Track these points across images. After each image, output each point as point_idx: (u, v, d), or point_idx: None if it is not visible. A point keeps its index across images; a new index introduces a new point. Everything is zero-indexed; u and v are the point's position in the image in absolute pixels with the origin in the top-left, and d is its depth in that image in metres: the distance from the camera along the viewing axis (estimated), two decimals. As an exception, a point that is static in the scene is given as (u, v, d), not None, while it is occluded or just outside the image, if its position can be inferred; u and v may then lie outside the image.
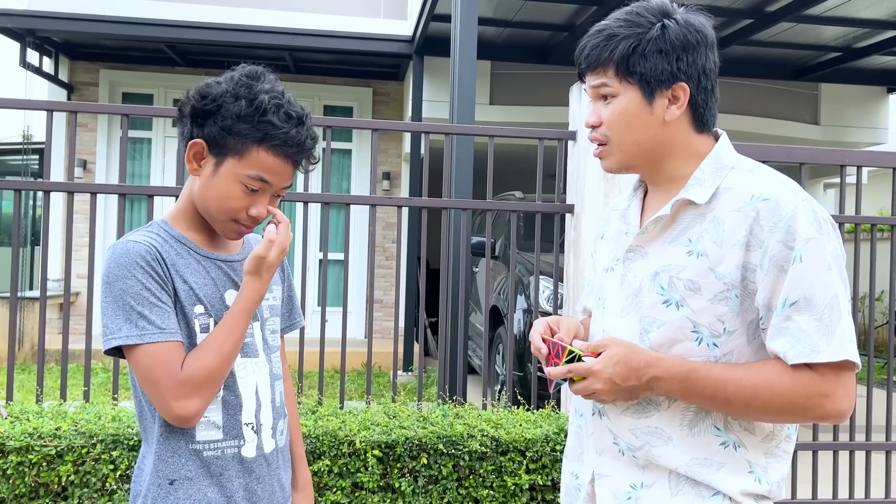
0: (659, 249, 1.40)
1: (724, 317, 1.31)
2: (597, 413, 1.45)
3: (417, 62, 8.00)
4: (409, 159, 8.52)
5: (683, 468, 1.35)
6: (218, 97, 1.42)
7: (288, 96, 1.46)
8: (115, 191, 3.32)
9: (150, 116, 8.74)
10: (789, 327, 1.26)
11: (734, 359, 1.32)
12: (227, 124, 1.40)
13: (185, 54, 9.02)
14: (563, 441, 3.03)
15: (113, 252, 1.41)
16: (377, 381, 7.61)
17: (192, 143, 1.44)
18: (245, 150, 1.41)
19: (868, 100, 9.02)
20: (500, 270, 6.33)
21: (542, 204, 3.67)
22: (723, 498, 1.34)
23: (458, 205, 3.65)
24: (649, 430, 1.38)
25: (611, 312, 1.46)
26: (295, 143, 1.43)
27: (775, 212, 1.27)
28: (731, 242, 1.30)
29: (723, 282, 1.30)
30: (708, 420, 1.35)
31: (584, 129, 3.58)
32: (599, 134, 1.42)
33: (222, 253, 1.55)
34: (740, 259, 1.29)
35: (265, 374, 1.55)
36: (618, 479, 1.41)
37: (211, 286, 1.48)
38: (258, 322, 1.56)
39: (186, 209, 1.52)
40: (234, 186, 1.43)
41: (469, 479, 2.98)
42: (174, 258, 1.45)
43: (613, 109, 1.39)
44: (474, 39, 4.80)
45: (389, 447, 2.94)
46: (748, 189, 1.33)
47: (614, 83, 1.38)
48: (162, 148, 9.19)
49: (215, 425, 1.47)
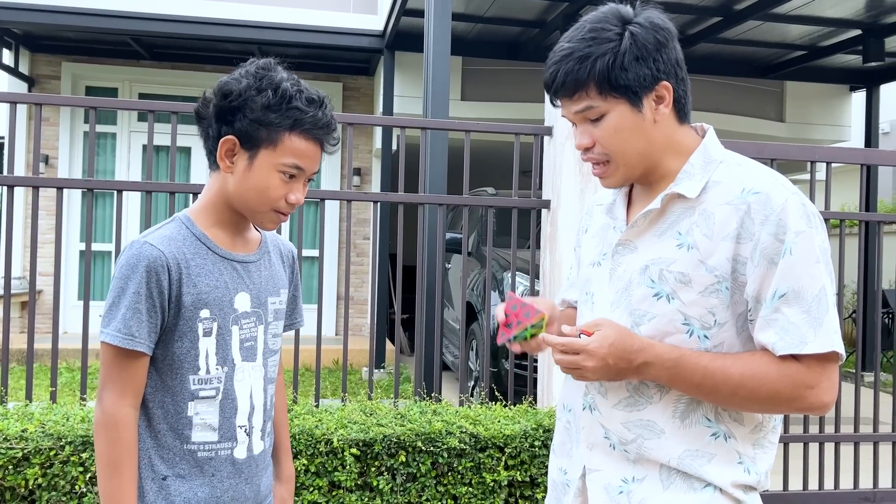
0: (648, 243, 1.39)
1: (715, 309, 1.32)
2: (587, 408, 1.44)
3: (388, 57, 7.95)
4: (380, 155, 8.46)
5: (676, 461, 1.35)
6: (243, 92, 1.44)
7: (303, 82, 1.49)
8: (84, 185, 3.24)
9: (119, 109, 8.56)
10: (778, 319, 1.27)
11: (724, 350, 1.33)
12: (257, 116, 1.43)
13: (150, 47, 8.84)
14: (542, 437, 3.03)
15: (129, 249, 1.45)
16: (349, 379, 7.55)
17: (223, 141, 1.46)
18: (278, 140, 1.44)
19: (831, 98, 9.18)
20: (474, 267, 6.32)
21: (519, 199, 3.66)
22: (713, 490, 1.34)
23: (434, 200, 3.63)
24: (641, 423, 1.37)
25: (600, 306, 1.45)
26: (323, 125, 1.47)
27: (766, 205, 1.28)
28: (721, 235, 1.31)
29: (713, 274, 1.31)
30: (699, 411, 1.35)
31: (561, 123, 3.59)
32: (597, 154, 1.39)
33: (240, 252, 1.56)
34: (731, 252, 1.30)
35: (260, 377, 1.57)
36: (609, 474, 1.41)
37: (222, 289, 1.50)
38: (262, 325, 1.57)
39: (212, 205, 1.54)
40: (273, 176, 1.46)
41: (448, 476, 2.97)
42: (189, 261, 1.47)
43: (607, 127, 1.36)
44: (448, 34, 4.77)
45: (367, 445, 2.91)
46: (738, 182, 1.33)
47: (599, 102, 1.35)
48: (127, 143, 9.00)
49: (211, 427, 1.49)
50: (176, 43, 8.64)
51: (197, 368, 1.47)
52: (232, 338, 1.50)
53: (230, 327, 1.50)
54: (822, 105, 9.16)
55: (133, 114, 8.93)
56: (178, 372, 1.46)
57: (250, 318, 1.54)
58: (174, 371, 1.46)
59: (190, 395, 1.47)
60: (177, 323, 1.45)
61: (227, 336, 1.50)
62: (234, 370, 1.51)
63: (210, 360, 1.48)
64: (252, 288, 1.55)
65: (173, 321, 1.45)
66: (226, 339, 1.49)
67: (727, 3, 6.83)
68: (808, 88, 9.06)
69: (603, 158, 1.39)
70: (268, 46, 8.43)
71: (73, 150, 8.89)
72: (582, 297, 1.53)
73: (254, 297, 1.55)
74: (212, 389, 1.49)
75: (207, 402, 1.48)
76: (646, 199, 1.45)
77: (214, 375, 1.49)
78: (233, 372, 1.51)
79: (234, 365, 1.51)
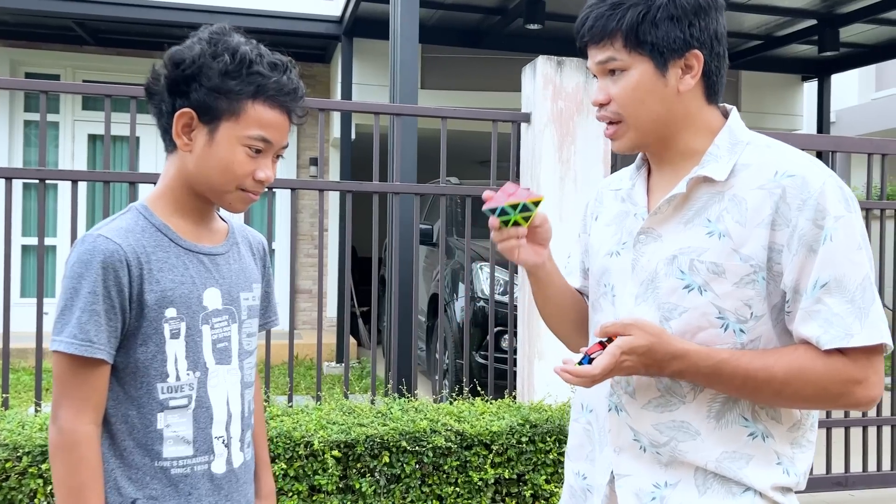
0: (674, 231, 1.30)
1: (752, 301, 1.23)
2: (613, 409, 1.34)
3: (346, 44, 7.75)
4: (338, 144, 8.27)
5: (714, 464, 1.26)
6: (197, 58, 1.30)
7: (262, 46, 1.36)
8: (36, 175, 3.01)
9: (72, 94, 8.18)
10: (820, 311, 1.19)
11: (761, 345, 1.25)
12: (215, 84, 1.30)
13: (95, 32, 8.45)
14: (529, 433, 2.94)
15: (81, 245, 1.30)
16: (309, 375, 7.37)
17: (179, 115, 1.32)
18: (240, 109, 1.31)
19: (784, 87, 9.33)
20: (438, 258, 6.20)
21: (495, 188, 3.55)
22: (753, 494, 1.26)
23: (409, 189, 3.50)
24: (674, 424, 1.28)
25: (623, 299, 1.35)
26: (290, 91, 1.34)
27: (803, 189, 1.20)
28: (755, 222, 1.22)
29: (749, 264, 1.22)
30: (735, 410, 1.27)
31: (539, 110, 3.50)
32: (610, 112, 1.32)
33: (206, 244, 1.41)
34: (766, 239, 1.22)
35: (236, 382, 1.42)
36: (639, 479, 1.31)
37: (188, 285, 1.35)
38: (236, 324, 1.42)
39: (172, 191, 1.39)
40: (237, 151, 1.32)
41: (433, 476, 2.86)
42: (150, 254, 1.32)
43: (625, 84, 1.29)
44: (416, 20, 4.63)
45: (349, 447, 2.78)
46: (770, 165, 1.25)
47: (623, 56, 1.27)
48: (71, 132, 8.60)
49: (185, 440, 1.34)
50: (122, 27, 8.29)
51: (165, 375, 1.32)
52: (203, 339, 1.36)
53: (200, 327, 1.35)
54: (775, 95, 9.30)
55: (77, 102, 8.53)
56: (144, 380, 1.31)
57: (222, 316, 1.39)
58: (139, 379, 1.31)
59: (158, 405, 1.32)
60: (139, 325, 1.30)
61: (198, 337, 1.35)
62: (208, 375, 1.36)
63: (180, 365, 1.33)
64: (222, 283, 1.40)
65: (135, 323, 1.30)
66: (196, 341, 1.35)
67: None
68: (763, 78, 9.18)
69: (615, 118, 1.31)
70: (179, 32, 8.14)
71: (13, 138, 8.45)
72: (599, 290, 1.42)
73: (225, 293, 1.40)
74: (183, 398, 1.34)
75: (179, 413, 1.33)
76: (667, 183, 1.35)
77: (185, 382, 1.34)
78: (206, 377, 1.36)
79: (207, 369, 1.36)
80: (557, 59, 3.48)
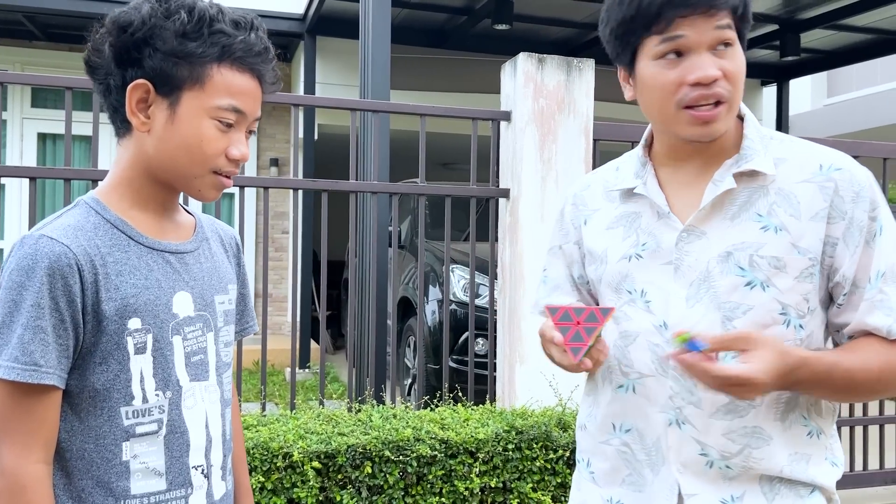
0: (720, 227, 1.23)
1: (809, 295, 1.21)
2: (674, 424, 1.23)
3: (309, 42, 7.60)
4: (301, 144, 8.10)
5: (788, 469, 1.21)
6: (147, 19, 1.11)
7: (222, 4, 1.18)
8: None
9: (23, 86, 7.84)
10: (884, 300, 1.19)
11: (814, 339, 1.23)
12: (172, 48, 1.11)
13: (45, 27, 8.12)
14: (515, 440, 2.85)
15: (20, 249, 1.09)
16: (271, 381, 7.18)
17: (132, 88, 1.12)
18: (204, 75, 1.13)
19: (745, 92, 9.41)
20: (408, 260, 6.09)
21: (478, 188, 3.46)
22: (819, 493, 1.24)
23: (388, 189, 3.39)
24: (747, 430, 1.21)
25: (668, 304, 1.24)
26: (259, 52, 1.16)
27: (854, 182, 1.20)
28: (809, 215, 1.20)
29: (808, 257, 1.20)
30: (797, 410, 1.23)
31: (520, 108, 3.42)
32: (720, 89, 1.17)
33: (171, 241, 1.21)
34: (822, 232, 1.20)
35: (216, 400, 1.24)
36: (706, 497, 1.22)
37: (154, 290, 1.15)
38: (211, 332, 1.24)
39: (128, 181, 1.19)
40: (205, 124, 1.14)
41: (416, 486, 2.75)
42: (105, 256, 1.12)
43: (739, 60, 1.20)
44: (388, 18, 4.54)
45: (329, 457, 2.65)
46: (812, 159, 1.23)
47: (732, 30, 1.18)
48: (19, 131, 8.25)
49: (156, 472, 1.15)
50: (73, 23, 7.96)
51: (130, 397, 1.13)
52: (174, 352, 1.17)
53: (170, 339, 1.16)
54: (735, 99, 9.42)
55: (27, 99, 8.19)
56: (105, 405, 1.12)
57: (195, 324, 1.21)
58: (98, 405, 1.11)
59: (123, 433, 1.12)
60: (97, 341, 1.10)
61: (168, 350, 1.16)
62: (181, 394, 1.18)
63: (147, 385, 1.14)
64: (193, 285, 1.21)
65: (91, 339, 1.10)
66: (166, 355, 1.16)
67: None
68: (723, 82, 9.29)
69: (724, 96, 1.18)
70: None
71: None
72: (620, 298, 1.31)
73: (197, 298, 1.21)
74: (152, 423, 1.14)
75: (148, 441, 1.14)
76: (686, 179, 1.28)
77: (154, 404, 1.15)
78: (179, 397, 1.17)
79: (181, 387, 1.18)
80: (538, 56, 3.41)
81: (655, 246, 1.27)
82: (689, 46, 1.18)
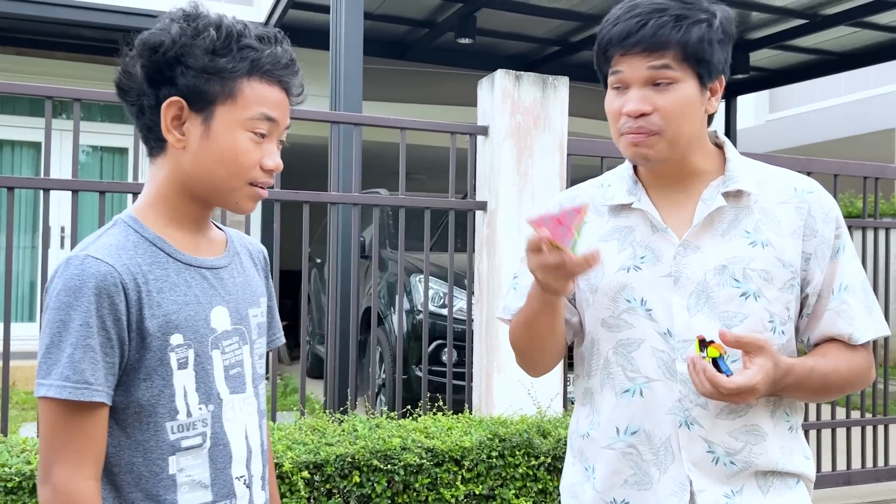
0: (712, 243, 1.35)
1: (790, 304, 1.35)
2: (683, 425, 1.32)
3: (271, 51, 7.55)
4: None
5: (781, 462, 1.34)
6: (177, 38, 1.15)
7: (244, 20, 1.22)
8: None
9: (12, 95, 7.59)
10: (847, 310, 1.34)
11: (790, 344, 1.37)
12: (203, 64, 1.15)
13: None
14: (499, 447, 2.92)
15: (66, 269, 1.12)
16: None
17: (166, 106, 1.16)
18: (236, 89, 1.17)
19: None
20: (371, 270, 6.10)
21: (456, 201, 3.53)
22: (803, 483, 1.37)
23: (368, 201, 3.43)
24: (747, 429, 1.32)
25: (670, 313, 1.33)
26: (286, 64, 1.21)
27: (822, 203, 1.36)
28: (788, 232, 1.34)
29: (790, 270, 1.33)
30: (781, 407, 1.36)
31: (497, 122, 3.50)
32: (652, 123, 1.29)
33: (206, 257, 1.25)
34: (799, 248, 1.34)
35: (253, 412, 1.27)
36: (712, 493, 1.32)
37: (193, 305, 1.19)
38: (247, 345, 1.27)
39: (163, 199, 1.22)
40: (239, 137, 1.18)
41: (402, 494, 2.78)
42: (147, 273, 1.15)
43: (676, 98, 1.29)
44: (360, 30, 4.60)
45: (318, 467, 2.67)
46: (786, 182, 1.38)
47: (677, 69, 1.28)
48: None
49: (202, 485, 1.18)
50: (24, 26, 7.77)
51: (175, 412, 1.15)
52: (214, 366, 1.20)
53: (210, 353, 1.19)
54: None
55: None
56: (150, 420, 1.14)
57: (232, 337, 1.24)
58: (144, 420, 1.14)
59: (170, 448, 1.15)
60: (141, 357, 1.13)
61: (208, 365, 1.19)
62: (222, 407, 1.21)
63: (190, 399, 1.17)
64: (229, 300, 1.24)
65: (136, 356, 1.13)
66: (206, 369, 1.19)
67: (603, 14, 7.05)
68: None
69: (655, 129, 1.29)
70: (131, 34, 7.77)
71: None
72: (618, 306, 1.38)
73: (233, 312, 1.25)
74: (197, 436, 1.18)
75: (193, 454, 1.17)
76: (676, 198, 1.39)
77: (198, 418, 1.18)
78: (220, 410, 1.20)
79: (221, 400, 1.20)
80: (515, 73, 3.51)
81: (655, 259, 1.36)
82: (627, 81, 1.31)
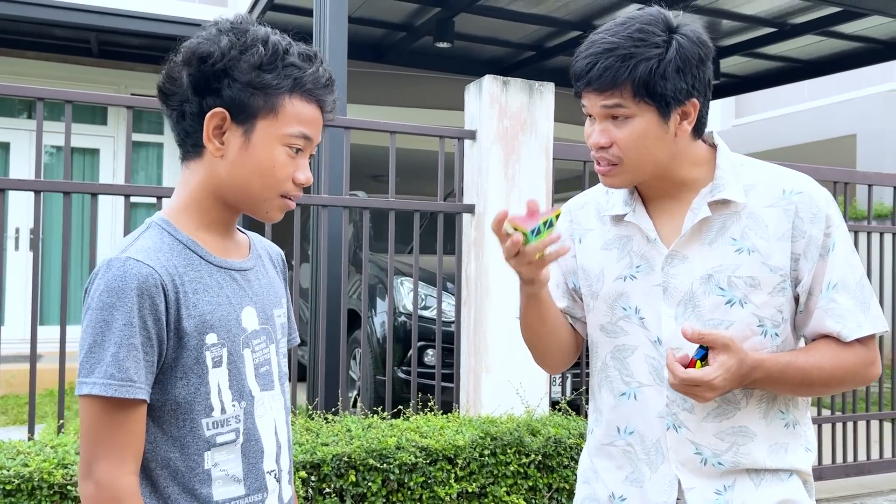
0: (699, 252, 1.39)
1: (782, 306, 1.38)
2: (671, 428, 1.40)
3: (247, 53, 7.52)
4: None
5: (769, 461, 1.38)
6: (227, 51, 1.19)
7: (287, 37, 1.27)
8: None
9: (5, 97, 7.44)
10: (835, 308, 1.36)
11: (788, 343, 1.40)
12: (250, 79, 1.19)
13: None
14: (490, 445, 2.97)
15: (108, 270, 1.16)
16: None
17: (211, 116, 1.20)
18: (278, 105, 1.21)
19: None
20: (351, 273, 6.14)
21: (444, 204, 3.59)
22: (797, 476, 1.41)
23: (359, 204, 3.47)
24: (734, 430, 1.38)
25: (660, 321, 1.40)
26: (325, 84, 1.25)
27: (811, 203, 1.37)
28: (776, 236, 1.36)
29: (779, 274, 1.36)
30: (776, 406, 1.40)
31: (485, 127, 3.57)
32: (611, 155, 1.36)
33: (235, 259, 1.30)
34: (788, 250, 1.36)
35: (281, 408, 1.32)
36: (702, 490, 1.39)
37: (226, 306, 1.24)
38: (273, 344, 1.32)
39: (196, 203, 1.27)
40: (277, 151, 1.22)
41: (397, 493, 2.83)
42: (182, 275, 1.20)
43: (631, 132, 1.33)
44: (344, 34, 4.61)
45: (314, 467, 2.70)
46: (775, 184, 1.39)
47: (630, 104, 1.31)
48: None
49: (235, 479, 1.23)
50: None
51: (210, 409, 1.20)
52: (245, 364, 1.25)
53: (241, 352, 1.25)
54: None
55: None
56: (187, 417, 1.19)
57: (260, 337, 1.29)
58: (180, 417, 1.19)
59: (205, 443, 1.20)
60: (178, 356, 1.18)
61: (240, 363, 1.24)
62: (254, 404, 1.26)
63: (224, 396, 1.22)
64: (256, 300, 1.30)
65: (173, 355, 1.18)
66: (239, 367, 1.24)
67: (587, 18, 7.18)
68: (645, 103, 9.73)
69: (615, 160, 1.36)
70: (105, 34, 7.69)
71: None
72: (615, 314, 1.46)
73: (260, 312, 1.30)
74: (231, 432, 1.22)
75: (227, 449, 1.22)
76: (670, 209, 1.44)
77: (232, 414, 1.23)
78: (252, 406, 1.25)
79: (253, 398, 1.26)
80: (503, 78, 3.57)
81: (648, 268, 1.43)
82: (590, 114, 1.38)
